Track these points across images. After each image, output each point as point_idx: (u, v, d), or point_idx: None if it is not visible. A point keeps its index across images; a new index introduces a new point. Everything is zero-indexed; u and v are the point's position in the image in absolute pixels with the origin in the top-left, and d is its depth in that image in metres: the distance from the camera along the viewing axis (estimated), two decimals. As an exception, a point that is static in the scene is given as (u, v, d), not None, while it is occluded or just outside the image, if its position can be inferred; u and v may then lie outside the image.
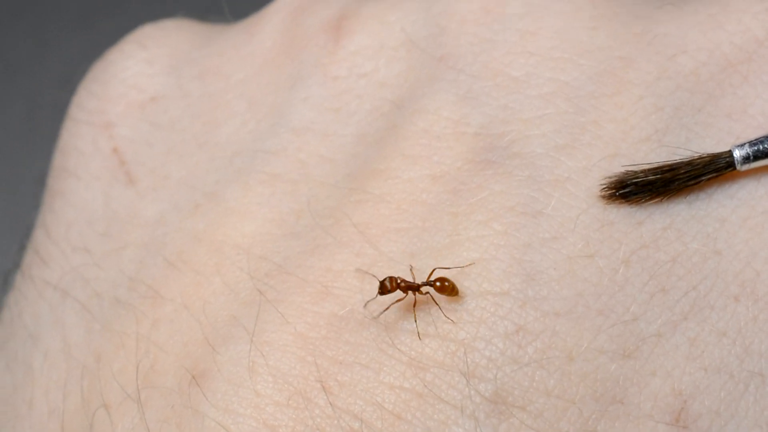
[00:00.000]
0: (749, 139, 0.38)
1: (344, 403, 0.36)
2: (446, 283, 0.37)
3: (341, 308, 0.38)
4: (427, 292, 0.37)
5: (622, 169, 0.38)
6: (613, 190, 0.38)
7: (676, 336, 0.36)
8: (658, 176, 0.38)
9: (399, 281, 0.38)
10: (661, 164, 0.38)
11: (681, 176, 0.38)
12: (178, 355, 0.39)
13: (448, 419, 0.36)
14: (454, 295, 0.37)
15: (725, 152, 0.38)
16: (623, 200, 0.38)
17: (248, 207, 0.42)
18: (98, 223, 0.44)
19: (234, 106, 0.45)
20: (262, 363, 0.37)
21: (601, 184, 0.38)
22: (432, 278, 0.38)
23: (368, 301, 0.38)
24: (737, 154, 0.38)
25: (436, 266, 0.38)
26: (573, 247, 0.37)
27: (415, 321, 0.37)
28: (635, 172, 0.38)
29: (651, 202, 0.38)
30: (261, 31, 0.46)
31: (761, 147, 0.38)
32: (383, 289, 0.38)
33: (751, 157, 0.38)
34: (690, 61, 0.40)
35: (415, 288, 0.38)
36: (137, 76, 0.47)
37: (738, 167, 0.38)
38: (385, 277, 0.38)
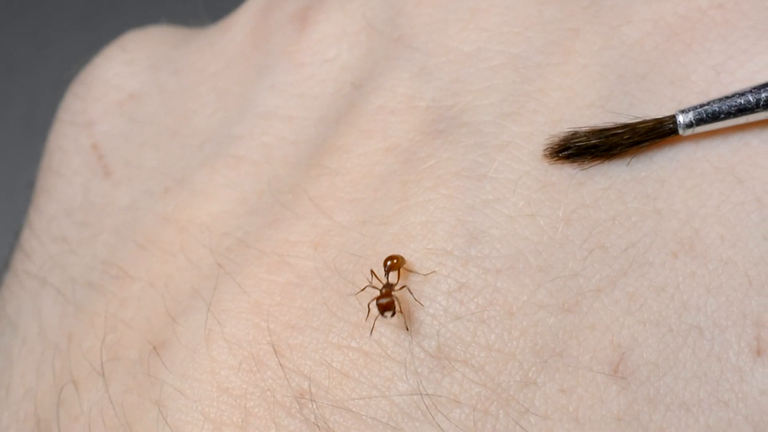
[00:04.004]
0: (692, 105, 0.39)
1: (294, 365, 0.37)
2: (395, 261, 0.38)
3: (296, 276, 0.39)
4: (402, 287, 0.38)
5: (567, 131, 0.39)
6: (556, 151, 0.39)
7: (616, 291, 0.37)
8: (601, 140, 0.38)
9: (383, 292, 0.38)
10: (604, 127, 0.39)
11: (624, 141, 0.38)
12: (143, 329, 0.40)
13: (394, 375, 0.36)
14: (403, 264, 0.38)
15: (669, 117, 0.39)
16: (566, 160, 0.38)
17: (214, 188, 0.43)
18: (76, 214, 0.46)
19: (205, 97, 0.46)
20: (217, 330, 0.38)
21: (545, 145, 0.39)
22: (388, 269, 0.38)
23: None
24: (681, 119, 0.39)
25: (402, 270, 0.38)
26: (514, 207, 0.38)
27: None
28: (579, 133, 0.39)
29: (593, 163, 0.39)
30: (233, 28, 0.48)
31: (704, 114, 0.39)
32: (386, 307, 0.37)
33: (694, 123, 0.39)
34: (634, 31, 0.41)
35: (391, 287, 0.38)
36: (118, 77, 0.49)
37: (681, 132, 0.39)
38: (372, 300, 0.38)
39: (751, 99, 0.39)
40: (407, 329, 0.37)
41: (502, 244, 0.37)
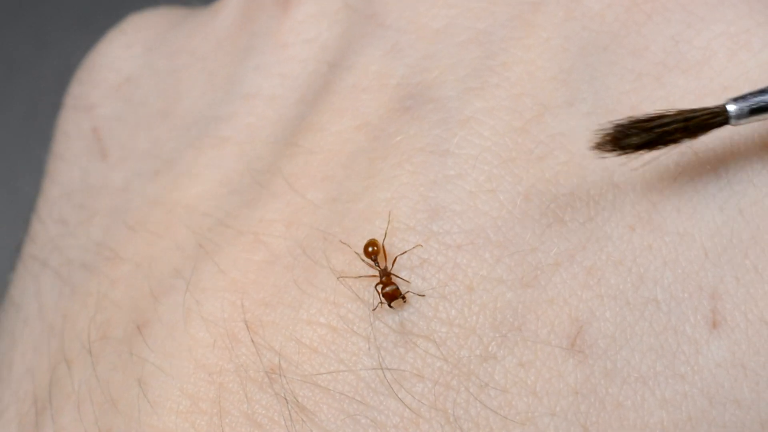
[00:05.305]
0: (740, 94, 0.38)
1: (266, 341, 0.38)
2: (375, 247, 0.39)
3: (270, 255, 0.40)
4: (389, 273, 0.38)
5: (615, 124, 0.38)
6: (605, 146, 0.37)
7: (574, 265, 0.37)
8: (652, 136, 0.37)
9: (383, 281, 0.38)
10: (656, 122, 0.38)
11: (678, 137, 0.37)
12: (129, 309, 0.42)
13: (360, 350, 0.37)
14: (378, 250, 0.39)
15: (719, 108, 0.38)
16: (611, 153, 0.37)
17: (199, 170, 0.44)
18: (76, 197, 0.47)
19: (195, 79, 0.47)
20: (195, 309, 0.39)
21: (594, 138, 0.38)
22: (373, 254, 0.38)
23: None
24: (731, 109, 0.37)
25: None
26: (475, 182, 0.38)
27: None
28: (629, 130, 0.37)
29: (640, 154, 0.38)
30: (223, 10, 0.49)
31: (758, 103, 0.37)
32: (392, 296, 0.38)
33: (746, 112, 0.37)
34: (596, 3, 0.41)
35: (383, 272, 0.38)
36: (116, 60, 0.50)
37: (732, 123, 0.37)
38: (389, 289, 0.38)
39: None
40: (382, 304, 0.38)
41: (463, 219, 0.38)
